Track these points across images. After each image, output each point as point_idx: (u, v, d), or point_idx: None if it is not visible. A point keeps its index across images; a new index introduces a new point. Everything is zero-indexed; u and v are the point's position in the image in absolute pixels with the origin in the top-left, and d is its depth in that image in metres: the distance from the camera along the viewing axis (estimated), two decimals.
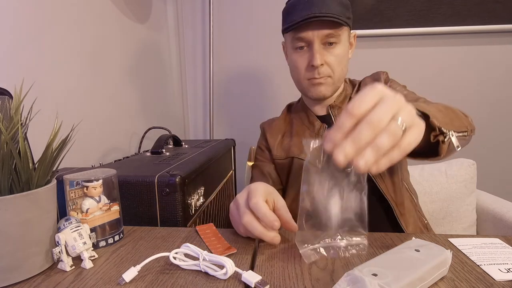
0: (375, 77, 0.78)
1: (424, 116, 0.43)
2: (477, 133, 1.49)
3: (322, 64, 0.67)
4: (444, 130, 0.44)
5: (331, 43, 0.67)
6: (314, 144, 0.40)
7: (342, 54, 0.69)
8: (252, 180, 0.84)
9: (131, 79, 1.17)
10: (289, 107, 0.87)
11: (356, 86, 0.80)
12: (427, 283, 0.35)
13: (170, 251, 0.41)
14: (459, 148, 0.47)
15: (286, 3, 0.71)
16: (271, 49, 1.53)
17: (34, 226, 0.39)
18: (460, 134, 0.49)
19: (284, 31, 0.70)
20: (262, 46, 1.54)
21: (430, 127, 0.44)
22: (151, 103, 1.34)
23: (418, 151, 0.47)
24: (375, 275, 0.32)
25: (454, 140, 0.45)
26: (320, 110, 0.78)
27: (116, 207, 0.50)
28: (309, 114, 0.79)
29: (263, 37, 1.53)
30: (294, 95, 0.90)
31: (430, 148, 0.47)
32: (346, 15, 0.66)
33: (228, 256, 0.44)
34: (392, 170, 0.70)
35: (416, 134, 0.34)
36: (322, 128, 0.76)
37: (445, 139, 0.44)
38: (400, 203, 0.69)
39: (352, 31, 0.74)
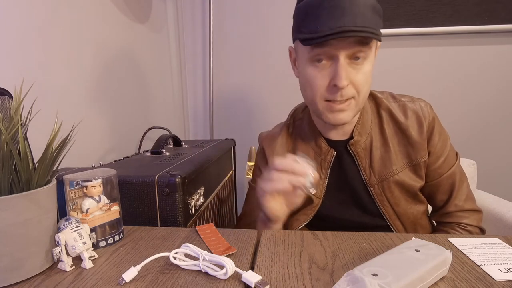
0: (418, 114, 0.64)
1: None
2: (477, 133, 1.49)
3: (347, 85, 0.55)
4: None
5: (357, 58, 0.55)
6: None
7: (370, 70, 0.57)
8: (248, 200, 0.77)
9: (131, 79, 1.17)
10: (294, 120, 0.74)
11: (381, 106, 0.66)
12: (427, 283, 0.35)
13: (170, 251, 0.41)
14: None
15: (301, 1, 0.56)
16: (272, 48, 1.53)
17: (34, 226, 0.39)
18: None
19: (303, 42, 0.54)
20: (262, 46, 1.54)
21: None
22: (151, 103, 1.34)
23: None
24: (375, 275, 0.32)
25: None
26: (332, 134, 0.66)
27: (116, 207, 0.50)
28: (316, 134, 0.67)
29: (263, 37, 1.53)
30: (295, 95, 0.89)
31: None
32: (380, 25, 0.54)
33: (228, 256, 0.44)
34: (416, 220, 0.66)
35: None
36: (330, 154, 0.65)
37: None
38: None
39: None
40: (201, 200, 0.76)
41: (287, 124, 0.74)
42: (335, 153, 0.65)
